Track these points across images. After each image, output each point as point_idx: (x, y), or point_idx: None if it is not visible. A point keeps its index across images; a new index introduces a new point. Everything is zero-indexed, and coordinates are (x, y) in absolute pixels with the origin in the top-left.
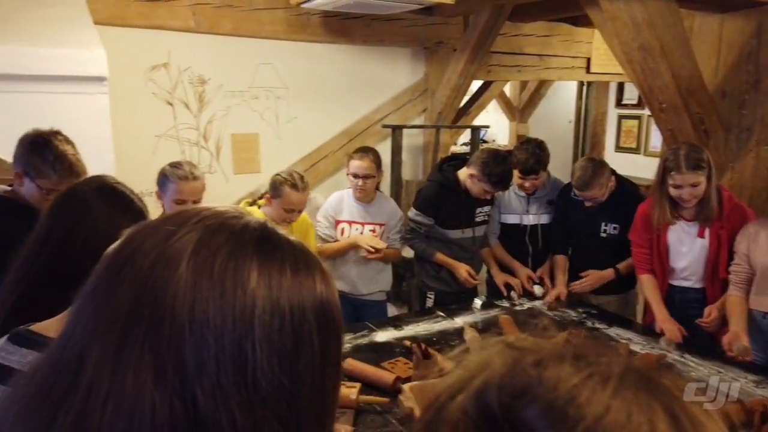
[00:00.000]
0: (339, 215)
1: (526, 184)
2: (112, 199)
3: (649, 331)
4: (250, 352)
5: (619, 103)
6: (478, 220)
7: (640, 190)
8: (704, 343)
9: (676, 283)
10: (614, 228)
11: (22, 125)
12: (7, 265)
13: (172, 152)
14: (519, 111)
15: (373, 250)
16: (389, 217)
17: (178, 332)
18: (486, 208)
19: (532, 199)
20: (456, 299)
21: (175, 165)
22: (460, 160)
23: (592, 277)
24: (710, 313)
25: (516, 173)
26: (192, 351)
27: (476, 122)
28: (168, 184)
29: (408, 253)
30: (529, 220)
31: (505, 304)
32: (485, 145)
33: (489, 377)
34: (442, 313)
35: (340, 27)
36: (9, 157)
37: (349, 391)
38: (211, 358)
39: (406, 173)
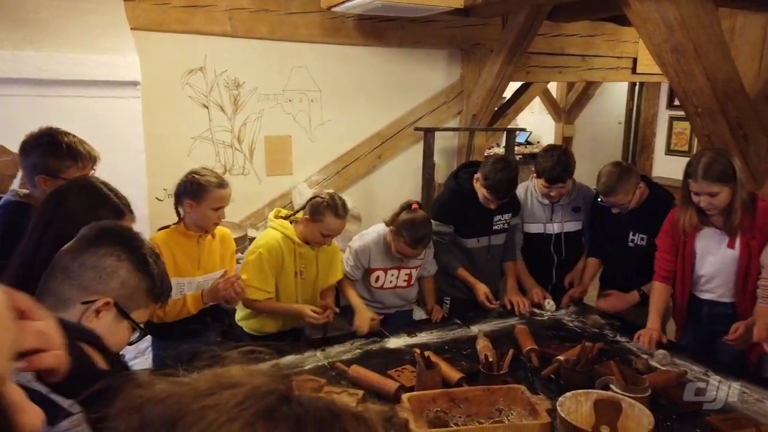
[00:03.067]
0: (373, 263)
1: (552, 193)
2: (89, 194)
3: (675, 347)
4: None
5: (670, 104)
6: (496, 228)
7: (674, 200)
8: (730, 361)
9: (704, 296)
10: (642, 239)
11: (59, 127)
12: None
13: (207, 154)
14: (565, 112)
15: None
16: (424, 257)
17: None
18: (506, 216)
19: (557, 207)
20: (473, 306)
21: (203, 173)
22: (477, 166)
23: (615, 298)
24: (737, 329)
25: (540, 182)
26: None
27: (522, 124)
28: (204, 193)
29: None
30: (553, 228)
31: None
32: (528, 148)
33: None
34: (458, 321)
35: (374, 30)
36: None
37: (351, 398)
38: None
39: (440, 176)
